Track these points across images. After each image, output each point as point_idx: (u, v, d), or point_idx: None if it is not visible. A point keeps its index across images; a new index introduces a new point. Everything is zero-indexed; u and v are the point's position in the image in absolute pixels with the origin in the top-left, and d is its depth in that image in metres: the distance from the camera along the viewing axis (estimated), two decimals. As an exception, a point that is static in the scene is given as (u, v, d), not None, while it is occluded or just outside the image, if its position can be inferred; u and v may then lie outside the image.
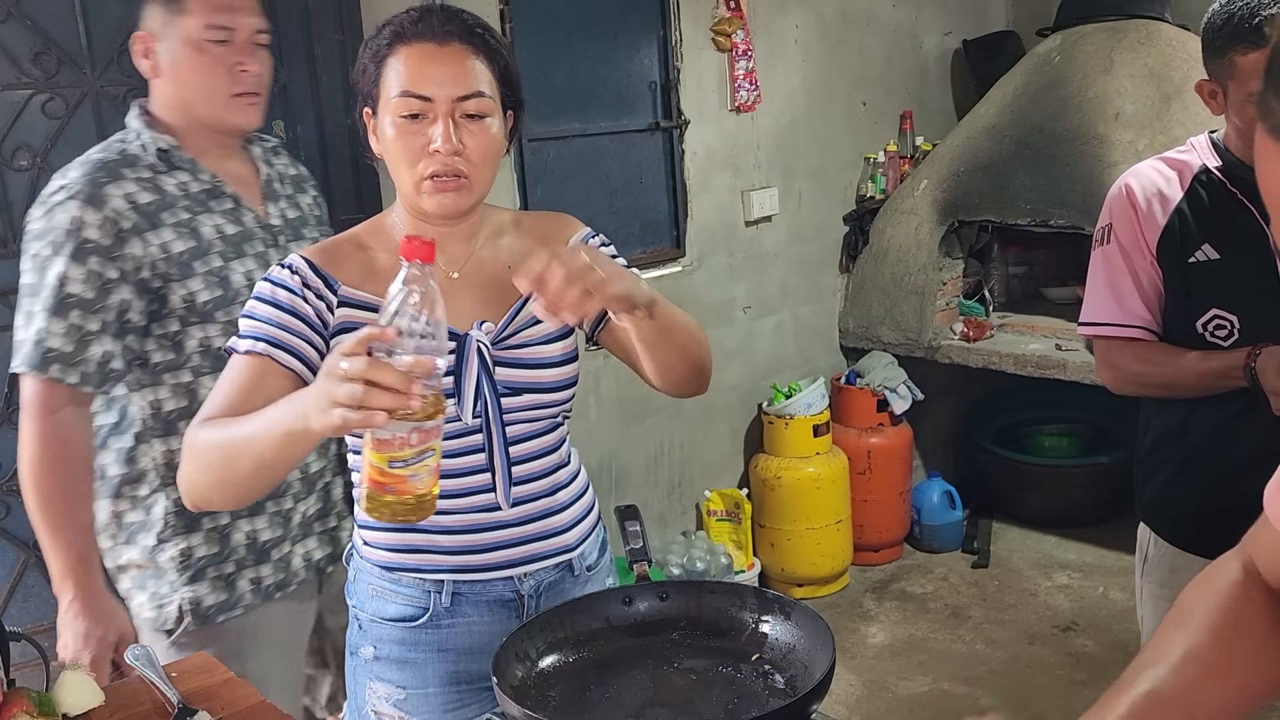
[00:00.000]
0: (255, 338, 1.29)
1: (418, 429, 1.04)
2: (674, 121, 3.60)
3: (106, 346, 1.64)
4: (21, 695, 1.30)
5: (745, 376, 3.93)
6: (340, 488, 1.93)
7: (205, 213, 1.74)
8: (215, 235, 1.73)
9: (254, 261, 1.76)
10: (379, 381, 1.01)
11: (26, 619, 2.41)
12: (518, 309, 1.38)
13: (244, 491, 1.26)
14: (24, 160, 2.33)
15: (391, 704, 1.40)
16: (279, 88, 2.59)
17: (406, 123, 1.29)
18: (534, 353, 1.39)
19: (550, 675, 1.23)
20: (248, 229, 1.78)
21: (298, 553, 1.85)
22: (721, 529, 3.70)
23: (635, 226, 3.60)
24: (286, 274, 1.33)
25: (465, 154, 1.29)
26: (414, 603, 1.38)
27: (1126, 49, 3.61)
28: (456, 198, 1.31)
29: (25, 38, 2.30)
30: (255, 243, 1.78)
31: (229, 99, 1.74)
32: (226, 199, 1.78)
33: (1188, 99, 3.46)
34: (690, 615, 1.32)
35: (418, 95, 1.28)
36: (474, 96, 1.29)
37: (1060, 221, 3.51)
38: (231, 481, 1.22)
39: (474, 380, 1.34)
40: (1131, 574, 2.14)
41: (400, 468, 1.05)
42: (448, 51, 1.29)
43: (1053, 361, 3.57)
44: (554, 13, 3.22)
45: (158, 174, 1.72)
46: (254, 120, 1.79)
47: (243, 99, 1.75)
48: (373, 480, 1.06)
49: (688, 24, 3.58)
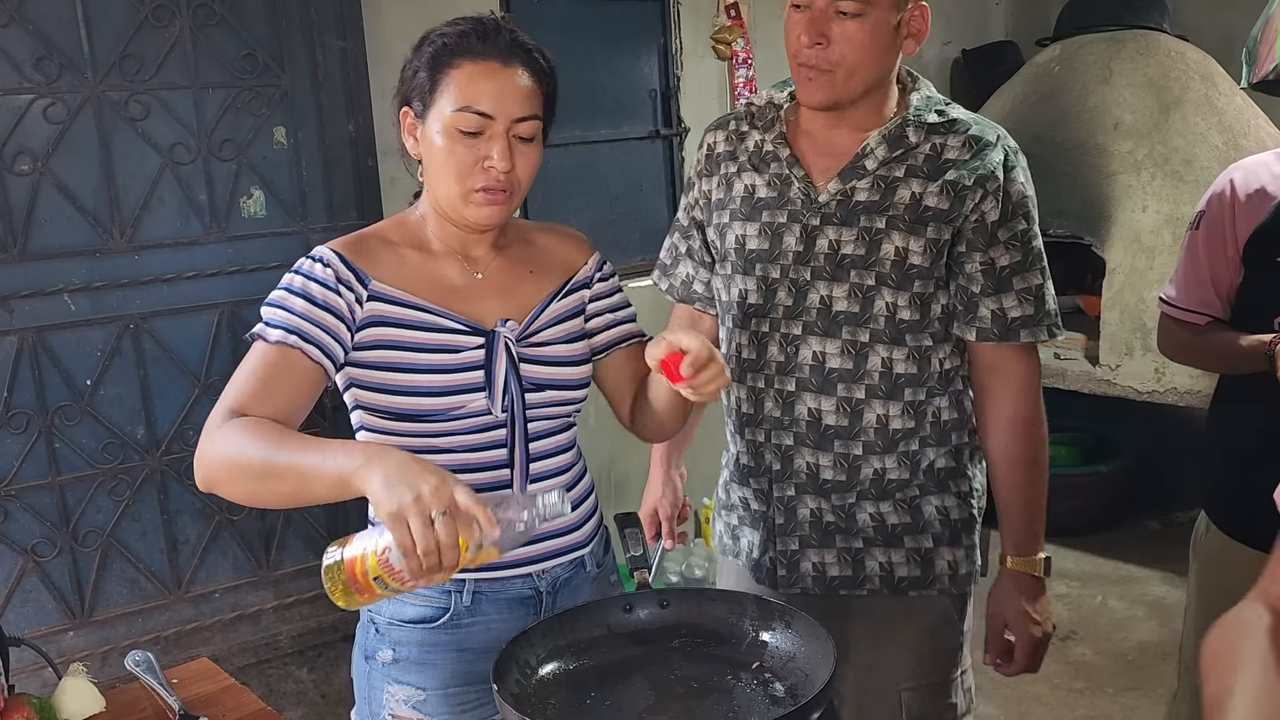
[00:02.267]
0: (286, 329, 1.29)
1: (419, 580, 1.08)
2: (674, 129, 3.61)
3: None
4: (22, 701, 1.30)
5: (744, 384, 3.93)
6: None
7: None
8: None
9: None
10: (444, 552, 1.05)
11: (24, 624, 2.41)
12: (540, 309, 1.42)
13: (266, 502, 1.27)
14: (25, 165, 2.34)
15: (410, 706, 1.40)
16: (280, 93, 2.61)
17: (462, 136, 1.32)
18: (555, 351, 1.42)
19: (550, 683, 1.23)
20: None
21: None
22: (720, 536, 3.69)
23: (635, 233, 3.60)
24: (319, 268, 1.34)
25: (514, 172, 1.33)
26: (433, 603, 1.39)
27: (1125, 59, 3.62)
28: (500, 211, 1.35)
29: (27, 42, 2.31)
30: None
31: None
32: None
33: (1186, 109, 3.47)
34: (691, 623, 1.32)
35: (480, 112, 1.31)
36: (530, 119, 1.33)
37: (1059, 231, 3.51)
38: (263, 493, 1.24)
39: (503, 374, 1.36)
40: (1129, 583, 2.23)
41: (382, 589, 1.10)
42: (510, 72, 1.32)
43: (1051, 370, 3.57)
44: (555, 20, 3.23)
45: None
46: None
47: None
48: (354, 577, 1.10)
49: (688, 32, 3.59)
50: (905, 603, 1.62)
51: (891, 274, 1.52)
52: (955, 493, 1.63)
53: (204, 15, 2.49)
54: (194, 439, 2.55)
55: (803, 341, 1.57)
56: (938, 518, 1.61)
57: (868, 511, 1.59)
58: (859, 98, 1.52)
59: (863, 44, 1.46)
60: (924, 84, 1.61)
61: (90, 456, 2.46)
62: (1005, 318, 1.54)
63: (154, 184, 2.48)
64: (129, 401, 2.50)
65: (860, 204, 1.54)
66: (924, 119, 1.54)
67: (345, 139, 2.70)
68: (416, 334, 1.33)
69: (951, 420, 1.61)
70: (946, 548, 1.61)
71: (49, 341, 2.39)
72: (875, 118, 1.56)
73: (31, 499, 2.40)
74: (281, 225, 2.65)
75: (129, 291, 2.47)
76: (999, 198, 1.51)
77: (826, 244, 1.54)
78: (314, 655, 2.78)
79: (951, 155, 1.53)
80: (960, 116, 1.57)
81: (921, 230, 1.51)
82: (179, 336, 2.54)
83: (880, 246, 1.52)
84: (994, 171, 1.51)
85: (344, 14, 2.66)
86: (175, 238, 2.52)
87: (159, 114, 2.47)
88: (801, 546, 1.62)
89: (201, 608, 2.64)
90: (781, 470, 1.61)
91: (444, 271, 1.39)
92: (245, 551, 2.68)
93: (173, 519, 2.58)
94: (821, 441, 1.58)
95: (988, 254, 1.53)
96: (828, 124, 1.58)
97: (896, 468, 1.58)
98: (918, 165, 1.53)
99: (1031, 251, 1.55)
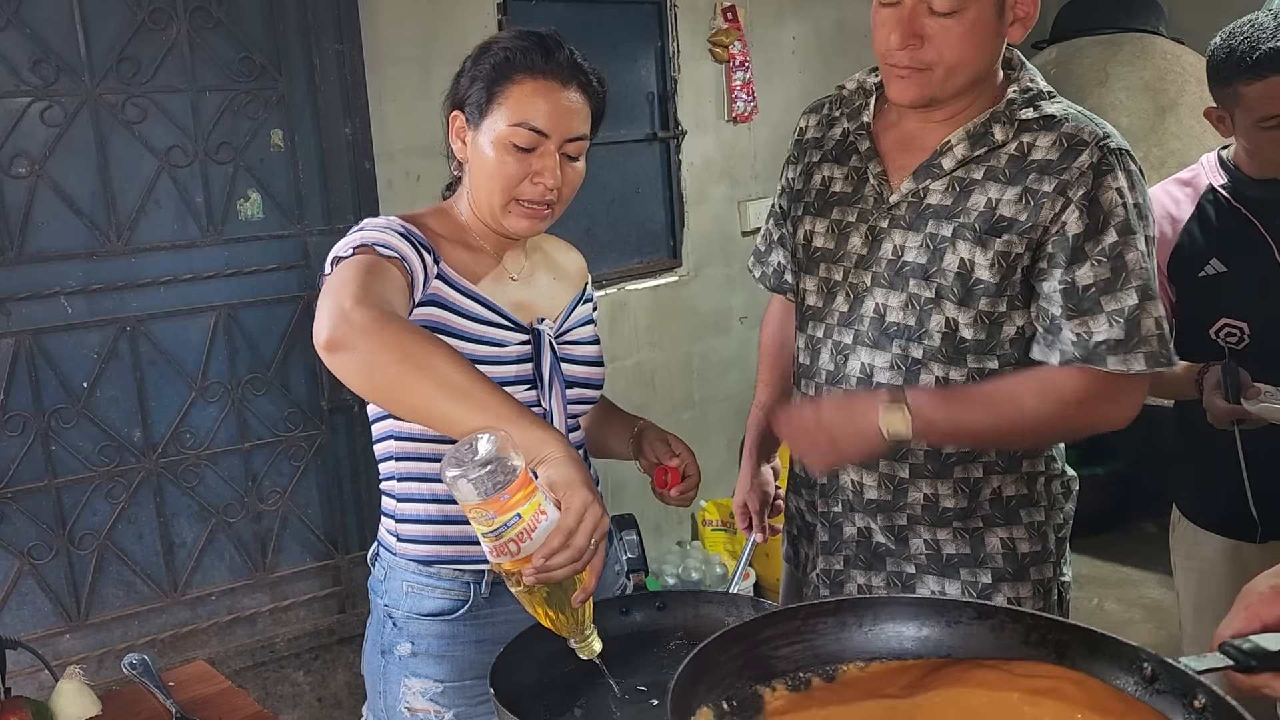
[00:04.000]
0: (388, 247, 1.25)
1: (515, 561, 1.06)
2: (671, 132, 3.61)
3: None
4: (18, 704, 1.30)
5: (741, 387, 3.93)
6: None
7: None
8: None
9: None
10: (578, 560, 1.06)
11: (21, 627, 2.41)
12: (569, 311, 1.50)
13: (389, 393, 1.14)
14: (22, 168, 2.33)
15: (428, 698, 1.41)
16: (277, 96, 2.61)
17: (515, 150, 1.34)
18: (582, 350, 1.49)
19: (547, 686, 1.23)
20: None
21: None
22: (717, 539, 3.70)
23: (632, 236, 3.60)
24: (401, 225, 1.32)
25: (559, 188, 1.37)
26: (453, 595, 1.40)
27: (1122, 62, 3.63)
28: (541, 223, 1.40)
29: (24, 45, 2.31)
30: None
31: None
32: None
33: (1182, 112, 3.48)
34: (687, 625, 1.32)
35: (535, 129, 1.34)
36: (580, 139, 1.38)
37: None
38: (407, 387, 1.10)
39: (548, 369, 1.40)
40: (1126, 586, 2.33)
41: (484, 525, 1.06)
42: (568, 93, 1.36)
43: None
44: (552, 23, 3.18)
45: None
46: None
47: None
48: (498, 506, 1.05)
49: (685, 35, 3.59)
50: None
51: (954, 288, 1.39)
52: (1026, 524, 1.49)
53: (201, 18, 2.49)
54: (190, 442, 2.57)
55: (852, 351, 1.47)
56: (1001, 551, 1.48)
57: (922, 538, 1.48)
58: (955, 95, 1.38)
59: (961, 41, 1.32)
60: (1029, 71, 1.45)
61: (87, 459, 2.45)
62: (1089, 341, 1.34)
63: (151, 187, 2.47)
64: (125, 404, 2.50)
65: (930, 207, 1.41)
66: (1016, 114, 1.39)
67: (342, 142, 2.70)
68: (469, 324, 1.36)
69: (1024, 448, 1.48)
70: (1009, 584, 1.49)
71: (45, 344, 2.39)
72: (974, 109, 1.40)
73: (28, 501, 2.40)
74: (278, 228, 2.65)
75: (126, 294, 2.47)
76: (1083, 207, 1.33)
77: (891, 249, 1.43)
78: (310, 658, 2.78)
79: (1038, 156, 1.36)
80: (1057, 112, 1.39)
81: (991, 241, 1.36)
82: (176, 339, 2.54)
83: (944, 256, 1.39)
84: (1079, 177, 1.33)
85: (341, 17, 2.66)
86: (172, 240, 2.51)
87: (156, 117, 2.47)
88: (846, 566, 1.54)
89: (198, 610, 2.64)
90: (827, 485, 1.54)
91: (487, 269, 1.42)
92: (242, 554, 2.68)
93: (169, 521, 2.57)
94: (866, 460, 1.47)
95: (1070, 271, 1.34)
96: (919, 115, 1.44)
97: (951, 495, 1.46)
98: (999, 167, 1.38)
99: (1125, 268, 1.33)
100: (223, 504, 2.64)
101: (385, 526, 1.47)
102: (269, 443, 2.69)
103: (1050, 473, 1.52)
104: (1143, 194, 1.38)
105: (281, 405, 2.70)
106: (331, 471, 2.78)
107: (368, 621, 1.49)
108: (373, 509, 2.83)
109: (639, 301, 3.63)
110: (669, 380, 3.74)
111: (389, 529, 1.45)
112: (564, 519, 1.04)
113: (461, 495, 1.03)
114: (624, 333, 3.57)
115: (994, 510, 1.48)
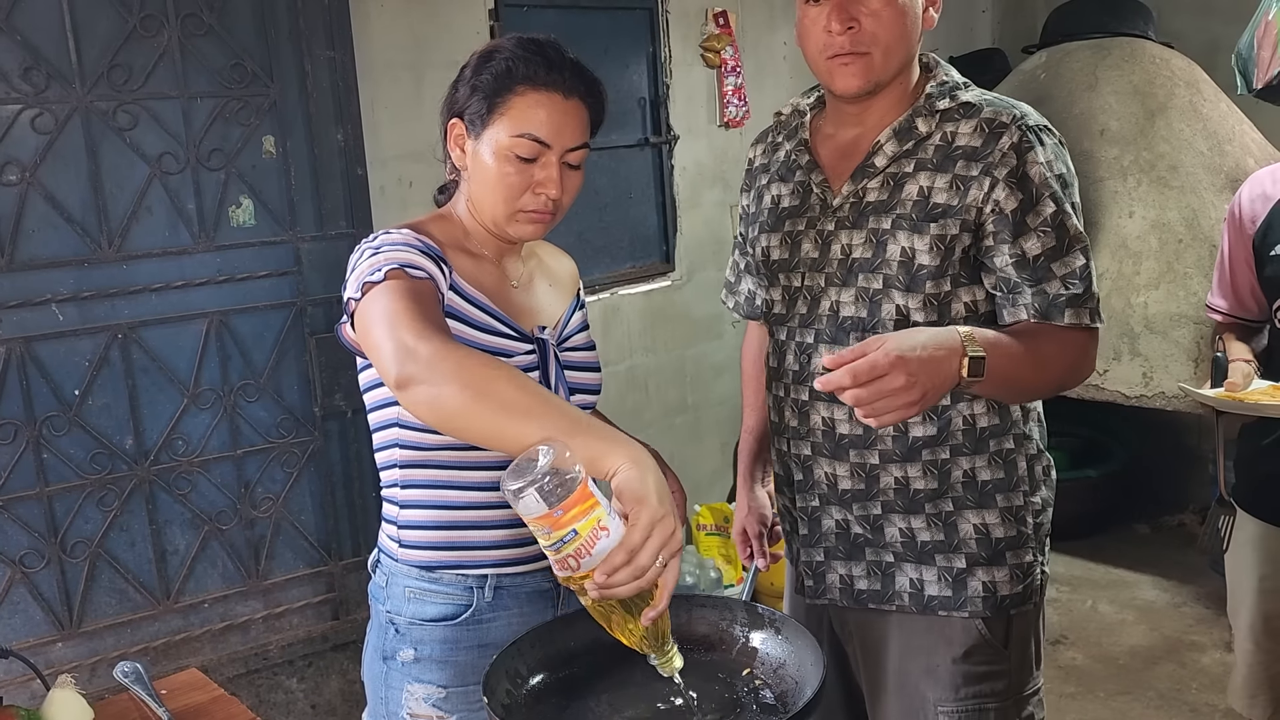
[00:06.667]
0: (414, 267, 1.25)
1: (572, 574, 1.04)
2: (663, 137, 3.62)
3: None
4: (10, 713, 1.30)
5: (734, 391, 3.92)
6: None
7: None
8: None
9: None
10: (642, 581, 1.01)
11: (12, 635, 2.40)
12: (567, 317, 1.51)
13: (463, 423, 1.11)
14: (13, 175, 2.33)
15: (430, 704, 1.41)
16: (269, 103, 2.60)
17: (516, 160, 1.35)
18: (580, 356, 1.50)
19: (541, 692, 1.23)
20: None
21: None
22: (711, 543, 3.69)
23: (625, 241, 3.61)
24: (416, 239, 1.32)
25: (561, 195, 1.38)
26: (455, 601, 1.40)
27: (1111, 66, 3.64)
28: (543, 229, 1.41)
29: (14, 53, 2.30)
30: None
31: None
32: None
33: (1172, 115, 3.50)
34: (680, 629, 1.32)
35: (538, 140, 1.34)
36: (582, 149, 1.38)
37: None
38: (477, 417, 1.09)
39: (553, 378, 1.42)
40: (1118, 587, 2.36)
41: (544, 537, 1.03)
42: (571, 105, 1.36)
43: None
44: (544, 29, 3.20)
45: None
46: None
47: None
48: (560, 511, 1.02)
49: (677, 41, 3.60)
50: (936, 622, 1.53)
51: (899, 276, 1.45)
52: (1001, 508, 1.51)
53: (192, 25, 2.49)
54: (182, 449, 2.56)
55: (814, 350, 1.53)
56: (974, 535, 1.51)
57: (897, 525, 1.52)
58: (892, 79, 1.47)
59: (893, 19, 1.42)
60: (943, 67, 1.54)
61: (78, 467, 2.45)
62: (1048, 296, 1.42)
63: (142, 194, 2.47)
64: (117, 411, 2.49)
65: (870, 204, 1.48)
66: (935, 106, 1.48)
67: (334, 148, 2.70)
68: (478, 334, 1.36)
69: (990, 426, 1.50)
70: (983, 568, 1.51)
71: (37, 352, 2.38)
72: (898, 108, 1.49)
73: (19, 510, 2.39)
74: (270, 234, 2.64)
75: (117, 301, 2.47)
76: (1012, 184, 1.41)
77: (839, 249, 1.50)
78: (304, 665, 2.77)
79: (962, 143, 1.45)
80: (974, 99, 1.48)
81: (927, 227, 1.44)
82: (167, 346, 2.54)
83: (886, 247, 1.46)
84: (1003, 157, 1.41)
85: (333, 23, 2.66)
86: (164, 247, 2.51)
87: (147, 124, 2.46)
88: (827, 558, 1.58)
89: (190, 618, 2.63)
90: (804, 480, 1.57)
91: (490, 276, 1.42)
92: (234, 561, 2.67)
93: (161, 529, 2.57)
94: (837, 451, 1.53)
95: (1017, 245, 1.42)
96: (851, 122, 1.53)
97: (921, 477, 1.50)
98: (927, 158, 1.46)
99: (1067, 234, 1.42)
100: (215, 511, 2.64)
101: (387, 532, 1.46)
102: (262, 449, 2.69)
103: (1026, 453, 1.54)
104: (1064, 163, 1.46)
105: (274, 412, 2.69)
106: (325, 478, 2.78)
107: (368, 627, 1.49)
108: (366, 515, 2.82)
109: (632, 306, 3.63)
110: (662, 385, 3.74)
111: (391, 535, 1.45)
112: (629, 535, 1.00)
113: (519, 509, 1.01)
114: (617, 337, 3.57)
115: (966, 493, 1.51)
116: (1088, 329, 1.43)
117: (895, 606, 1.55)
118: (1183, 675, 3.16)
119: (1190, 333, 3.25)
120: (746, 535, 1.81)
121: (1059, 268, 1.42)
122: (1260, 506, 2.05)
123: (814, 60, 1.48)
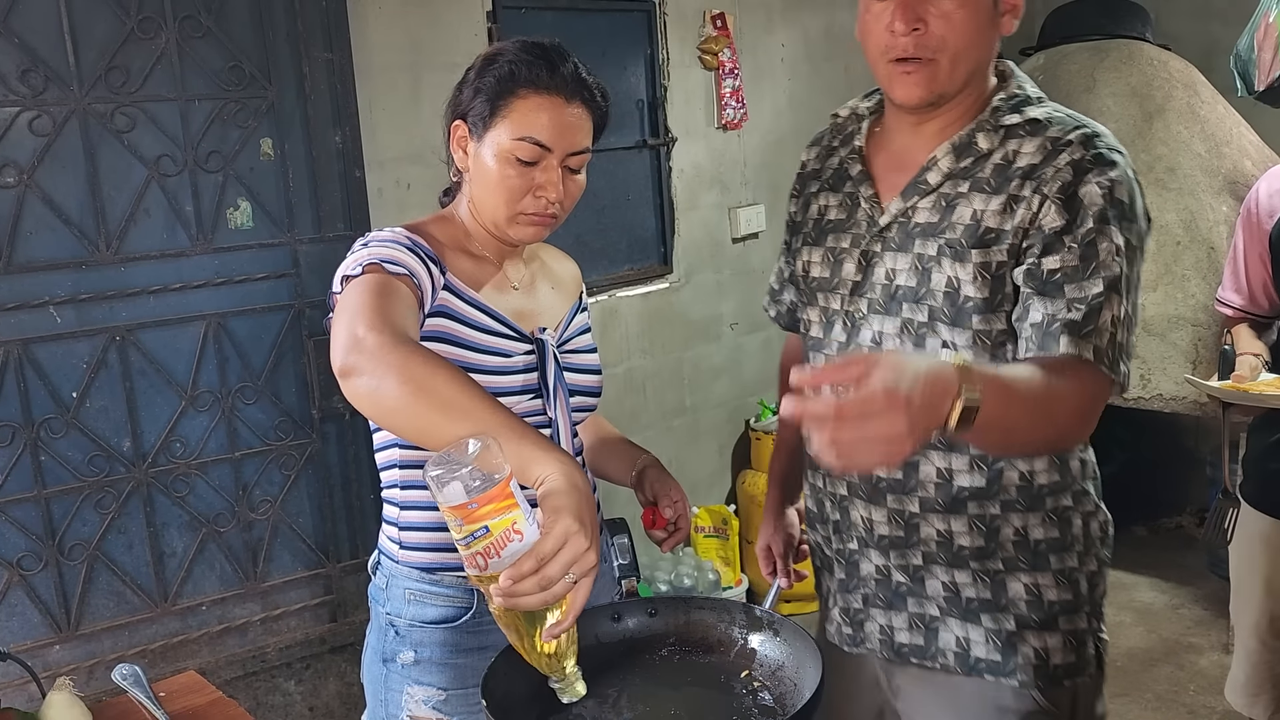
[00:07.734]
0: (394, 263, 1.25)
1: (481, 577, 1.02)
2: (661, 139, 3.62)
3: None
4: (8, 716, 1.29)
5: (733, 393, 3.94)
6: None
7: None
8: None
9: None
10: (548, 594, 0.97)
11: (10, 638, 2.40)
12: (569, 320, 1.51)
13: (398, 418, 1.09)
14: (10, 177, 2.33)
15: (430, 706, 1.41)
16: (267, 105, 2.60)
17: (517, 163, 1.35)
18: (581, 359, 1.51)
19: (538, 694, 1.23)
20: None
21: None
22: (709, 545, 3.70)
23: (623, 243, 3.61)
24: (406, 237, 1.32)
25: (561, 199, 1.38)
26: (456, 603, 1.40)
27: (1109, 68, 3.65)
28: (543, 232, 1.42)
29: (12, 55, 2.30)
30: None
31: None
32: None
33: (1169, 117, 3.50)
34: (679, 632, 1.32)
35: (539, 144, 1.34)
36: (583, 153, 1.39)
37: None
38: (414, 413, 1.06)
39: (552, 379, 1.41)
40: (1116, 589, 2.36)
41: (457, 531, 1.01)
42: (572, 108, 1.36)
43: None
44: (542, 31, 3.23)
45: None
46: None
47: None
48: (475, 508, 0.99)
49: (675, 43, 3.60)
50: (986, 687, 1.40)
51: (944, 308, 1.30)
52: (1055, 569, 1.38)
53: (190, 27, 2.49)
54: (180, 451, 2.56)
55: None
56: (1025, 597, 1.37)
57: (940, 579, 1.39)
58: (960, 90, 1.32)
59: (964, 23, 1.26)
60: (1018, 78, 1.39)
61: (76, 469, 2.45)
62: (1046, 317, 1.23)
63: (140, 196, 2.47)
64: (115, 414, 2.49)
65: (918, 226, 1.33)
66: (1000, 120, 1.33)
67: (332, 150, 2.70)
68: (475, 334, 1.36)
69: (1048, 484, 1.37)
70: (1034, 632, 1.37)
71: (34, 354, 2.38)
72: (962, 120, 1.34)
73: (17, 512, 2.39)
74: (268, 237, 2.64)
75: (115, 303, 2.46)
76: (1060, 201, 1.25)
77: (883, 273, 1.36)
78: (302, 668, 2.77)
79: (1023, 163, 1.29)
80: (1042, 115, 1.32)
81: (972, 255, 1.28)
82: (165, 348, 2.53)
83: (931, 276, 1.31)
84: (1056, 174, 1.26)
85: (331, 25, 2.67)
86: (161, 250, 2.51)
87: (145, 126, 2.46)
88: (866, 605, 1.47)
89: (188, 620, 2.63)
90: (841, 521, 1.46)
91: (490, 277, 1.43)
92: (232, 564, 2.67)
93: (159, 532, 2.56)
94: (874, 495, 1.40)
95: (1040, 261, 1.25)
96: (908, 131, 1.38)
97: (966, 533, 1.36)
98: (985, 177, 1.30)
99: (1095, 258, 1.23)
100: (213, 513, 2.63)
101: (387, 535, 1.46)
102: (259, 452, 2.68)
103: (1084, 510, 1.41)
104: (1131, 193, 1.27)
105: (272, 414, 2.69)
106: (323, 480, 2.78)
107: (368, 630, 1.49)
108: (364, 517, 2.82)
109: (630, 308, 3.63)
110: (660, 387, 3.74)
111: (391, 537, 1.45)
112: (541, 542, 0.97)
113: (438, 496, 1.00)
114: (615, 340, 3.57)
115: (1018, 553, 1.37)
116: (1093, 372, 1.22)
117: (939, 665, 1.43)
118: (1181, 677, 3.17)
119: (1188, 335, 3.25)
120: (770, 553, 1.74)
121: (1072, 289, 1.23)
122: (1268, 502, 2.05)
123: (874, 62, 1.34)
